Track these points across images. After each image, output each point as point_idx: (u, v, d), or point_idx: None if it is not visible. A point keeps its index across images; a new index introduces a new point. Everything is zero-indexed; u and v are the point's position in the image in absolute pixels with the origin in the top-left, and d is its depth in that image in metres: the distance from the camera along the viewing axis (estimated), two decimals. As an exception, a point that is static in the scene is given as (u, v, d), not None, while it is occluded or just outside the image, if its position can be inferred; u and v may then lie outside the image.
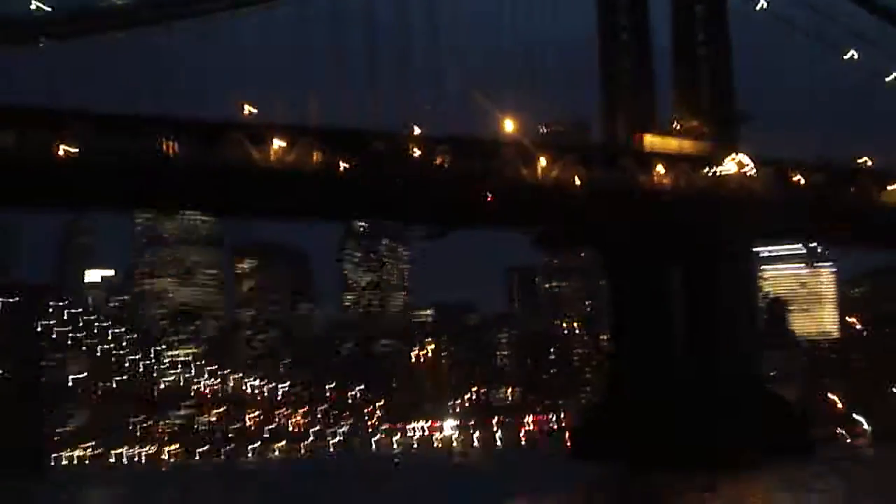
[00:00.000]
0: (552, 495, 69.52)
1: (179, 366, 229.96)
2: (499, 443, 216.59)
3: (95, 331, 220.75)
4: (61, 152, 76.39)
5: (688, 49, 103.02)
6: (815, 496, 58.69)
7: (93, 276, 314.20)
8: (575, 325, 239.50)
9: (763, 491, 64.63)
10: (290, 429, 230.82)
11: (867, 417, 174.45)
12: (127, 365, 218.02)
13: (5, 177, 76.70)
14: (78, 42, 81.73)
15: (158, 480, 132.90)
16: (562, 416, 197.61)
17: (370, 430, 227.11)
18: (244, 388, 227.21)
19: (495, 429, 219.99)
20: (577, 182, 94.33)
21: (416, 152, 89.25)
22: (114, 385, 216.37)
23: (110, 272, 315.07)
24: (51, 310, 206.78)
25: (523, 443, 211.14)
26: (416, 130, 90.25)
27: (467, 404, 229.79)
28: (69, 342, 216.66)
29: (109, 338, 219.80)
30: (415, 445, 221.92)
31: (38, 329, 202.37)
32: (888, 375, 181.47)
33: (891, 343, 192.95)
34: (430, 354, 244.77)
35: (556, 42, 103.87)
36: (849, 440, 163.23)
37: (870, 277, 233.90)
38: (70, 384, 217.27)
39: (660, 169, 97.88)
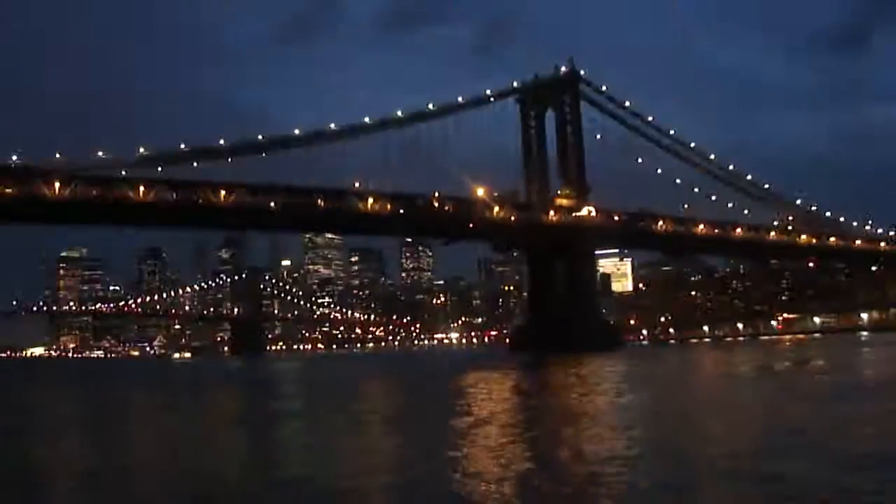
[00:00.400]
0: (500, 361, 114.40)
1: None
2: (475, 343, 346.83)
3: (287, 286, 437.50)
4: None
5: (564, 154, 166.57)
6: (620, 360, 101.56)
7: (285, 263, 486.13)
8: (512, 287, 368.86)
9: (600, 359, 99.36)
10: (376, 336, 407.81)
11: (648, 330, 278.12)
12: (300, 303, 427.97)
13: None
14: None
15: (323, 359, 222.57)
16: (505, 330, 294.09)
17: (413, 339, 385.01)
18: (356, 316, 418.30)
19: (473, 337, 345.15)
20: (513, 219, 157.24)
21: (436, 204, 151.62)
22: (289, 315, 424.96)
23: (287, 262, 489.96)
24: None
25: (486, 343, 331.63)
26: (436, 194, 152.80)
27: (461, 325, 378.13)
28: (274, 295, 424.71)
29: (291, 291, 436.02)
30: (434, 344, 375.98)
31: (261, 286, 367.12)
32: (656, 311, 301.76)
33: (655, 295, 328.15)
34: (441, 301, 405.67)
35: (499, 150, 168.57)
36: (638, 342, 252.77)
37: (647, 265, 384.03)
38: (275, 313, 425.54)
39: (551, 213, 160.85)
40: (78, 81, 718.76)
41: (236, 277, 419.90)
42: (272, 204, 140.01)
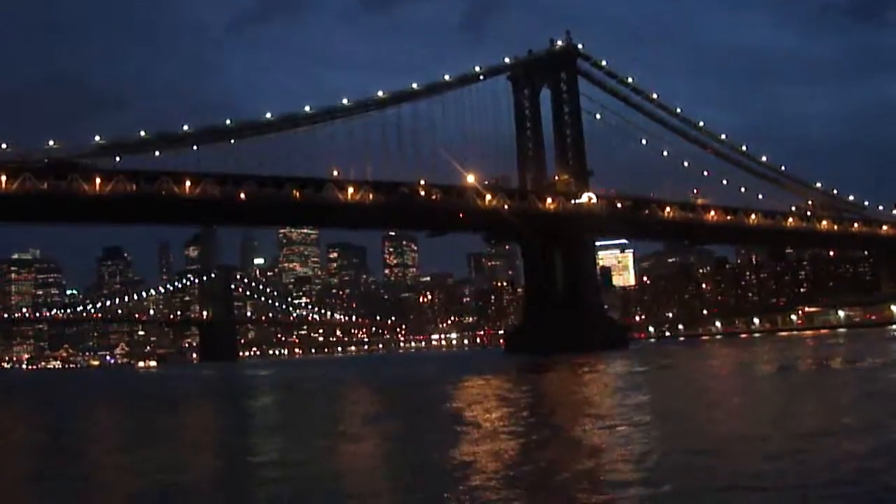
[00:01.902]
0: (494, 367, 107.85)
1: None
2: (466, 344, 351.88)
3: (260, 287, 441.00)
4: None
5: (561, 136, 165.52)
6: (628, 360, 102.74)
7: (258, 261, 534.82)
8: (504, 283, 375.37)
9: (605, 360, 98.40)
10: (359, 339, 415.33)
11: (654, 328, 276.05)
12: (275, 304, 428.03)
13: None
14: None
15: (299, 362, 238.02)
16: (500, 331, 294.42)
17: (399, 341, 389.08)
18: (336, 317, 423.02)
19: (464, 337, 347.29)
20: (506, 208, 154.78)
21: (422, 193, 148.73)
22: (263, 317, 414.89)
23: (261, 260, 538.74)
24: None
25: (478, 343, 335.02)
26: (422, 182, 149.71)
27: (450, 325, 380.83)
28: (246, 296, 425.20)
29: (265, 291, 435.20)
30: (422, 345, 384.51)
31: (232, 286, 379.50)
32: (662, 307, 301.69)
33: (659, 289, 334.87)
34: (428, 299, 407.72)
35: (494, 134, 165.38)
36: (643, 339, 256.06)
37: (650, 256, 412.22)
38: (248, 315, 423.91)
39: (548, 200, 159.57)
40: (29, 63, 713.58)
41: (205, 277, 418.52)
42: (242, 195, 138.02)
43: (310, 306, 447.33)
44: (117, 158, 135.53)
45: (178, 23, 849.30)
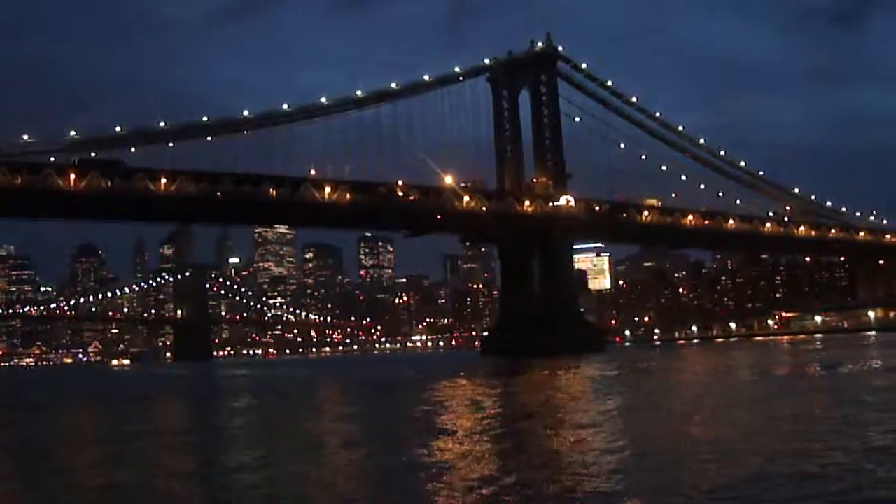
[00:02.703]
0: (471, 368, 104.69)
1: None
2: (441, 346, 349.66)
3: (235, 286, 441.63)
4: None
5: (540, 138, 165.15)
6: (603, 363, 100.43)
7: (233, 260, 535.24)
8: (480, 285, 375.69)
9: (582, 363, 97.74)
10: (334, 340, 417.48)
11: (631, 330, 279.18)
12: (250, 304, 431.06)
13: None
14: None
15: (274, 363, 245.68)
16: (475, 333, 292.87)
17: (374, 342, 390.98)
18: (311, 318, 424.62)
19: (439, 339, 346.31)
20: (484, 209, 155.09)
21: (400, 193, 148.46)
22: (237, 317, 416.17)
23: (236, 259, 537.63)
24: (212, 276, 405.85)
25: (454, 345, 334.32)
26: (400, 182, 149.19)
27: (425, 326, 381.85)
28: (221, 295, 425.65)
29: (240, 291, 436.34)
30: (397, 347, 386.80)
31: (207, 286, 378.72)
32: (638, 311, 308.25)
33: (636, 293, 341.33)
34: (404, 300, 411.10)
35: (473, 135, 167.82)
36: (619, 342, 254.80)
37: (626, 260, 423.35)
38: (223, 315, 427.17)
39: (526, 203, 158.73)
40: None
41: (179, 276, 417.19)
42: (218, 193, 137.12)
43: (285, 306, 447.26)
44: (92, 154, 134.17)
45: (155, 19, 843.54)
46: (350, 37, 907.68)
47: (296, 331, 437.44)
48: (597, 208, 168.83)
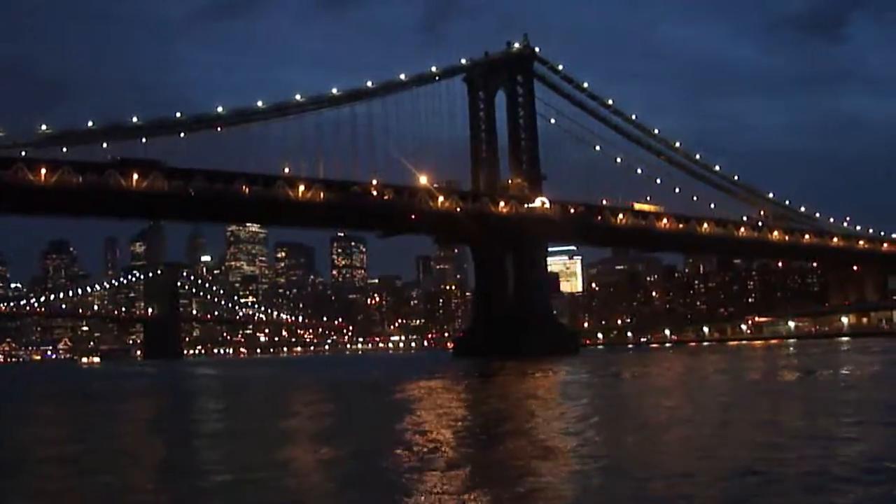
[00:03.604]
0: (443, 369, 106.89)
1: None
2: (413, 347, 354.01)
3: (207, 285, 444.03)
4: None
5: (516, 140, 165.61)
6: (576, 366, 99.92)
7: (205, 259, 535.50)
8: (453, 286, 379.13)
9: (554, 366, 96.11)
10: (305, 339, 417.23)
11: (602, 334, 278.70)
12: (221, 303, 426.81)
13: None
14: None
15: (244, 362, 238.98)
16: (447, 334, 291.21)
17: (346, 342, 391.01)
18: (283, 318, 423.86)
19: (412, 340, 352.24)
20: (458, 210, 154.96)
21: (375, 192, 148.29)
22: (208, 315, 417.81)
23: (208, 258, 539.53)
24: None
25: (426, 346, 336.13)
26: (374, 182, 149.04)
27: (398, 327, 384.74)
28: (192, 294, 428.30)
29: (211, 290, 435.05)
30: (369, 347, 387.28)
31: (178, 284, 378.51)
32: (610, 314, 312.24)
33: (608, 296, 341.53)
34: (376, 300, 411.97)
35: (448, 136, 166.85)
36: (588, 345, 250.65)
37: (598, 262, 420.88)
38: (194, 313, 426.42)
39: (501, 204, 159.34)
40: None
41: (150, 274, 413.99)
42: (190, 190, 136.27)
43: (256, 305, 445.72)
44: (64, 149, 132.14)
45: (135, 15, 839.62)
46: (328, 36, 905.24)
47: (267, 330, 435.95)
48: (571, 210, 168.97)
